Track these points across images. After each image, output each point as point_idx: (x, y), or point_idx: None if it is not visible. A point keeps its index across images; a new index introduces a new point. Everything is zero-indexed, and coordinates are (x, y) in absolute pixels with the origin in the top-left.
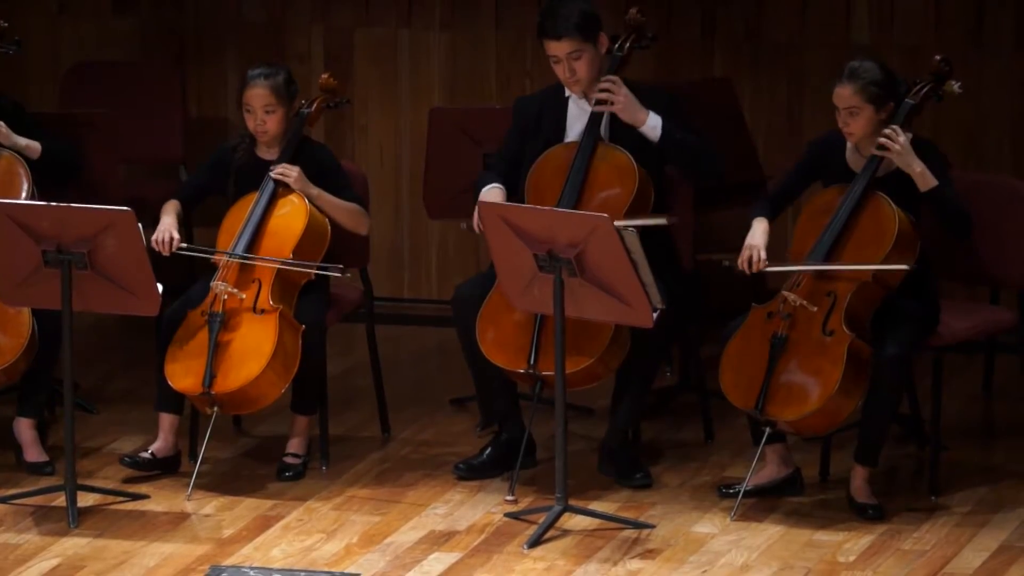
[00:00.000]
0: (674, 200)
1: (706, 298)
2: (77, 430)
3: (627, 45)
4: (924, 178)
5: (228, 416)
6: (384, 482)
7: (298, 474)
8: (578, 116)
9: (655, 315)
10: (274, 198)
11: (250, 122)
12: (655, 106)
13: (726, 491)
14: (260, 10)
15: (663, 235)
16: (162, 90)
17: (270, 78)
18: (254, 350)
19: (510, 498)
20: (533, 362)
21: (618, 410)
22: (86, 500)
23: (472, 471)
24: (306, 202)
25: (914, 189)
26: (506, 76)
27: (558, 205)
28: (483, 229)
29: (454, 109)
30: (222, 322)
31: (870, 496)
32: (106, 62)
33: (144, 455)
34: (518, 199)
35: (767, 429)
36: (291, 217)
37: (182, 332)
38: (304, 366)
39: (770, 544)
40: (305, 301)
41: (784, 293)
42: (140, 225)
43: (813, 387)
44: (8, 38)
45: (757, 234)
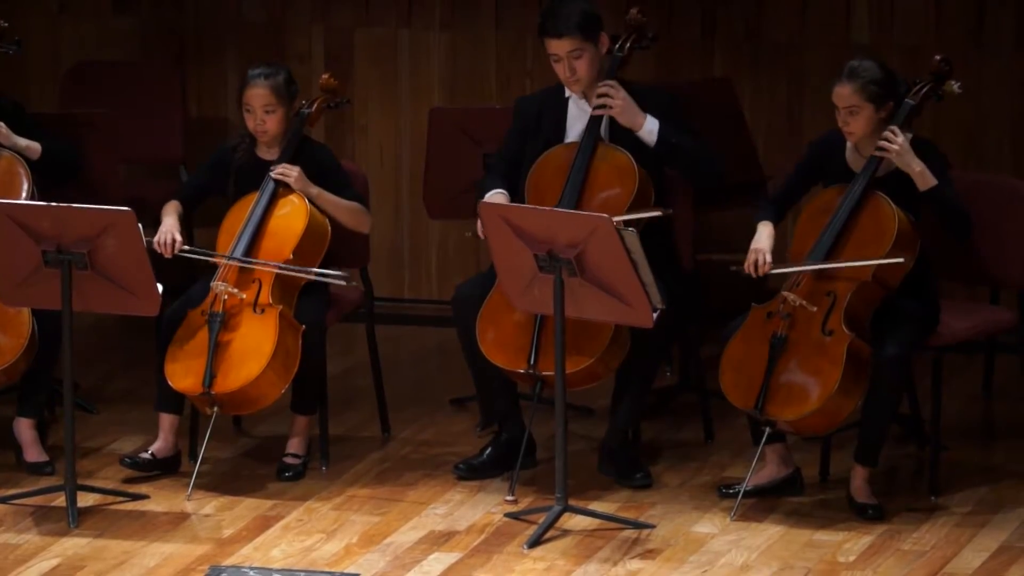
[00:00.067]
0: (674, 200)
1: (706, 298)
2: (77, 430)
3: (627, 45)
4: (923, 177)
5: (228, 416)
6: (384, 482)
7: (298, 474)
8: (578, 116)
9: (655, 315)
10: (274, 198)
11: (250, 122)
12: (655, 107)
13: (726, 491)
14: (260, 10)
15: (663, 235)
16: (162, 90)
17: (270, 78)
18: (254, 350)
19: (510, 498)
20: (533, 362)
21: (618, 410)
22: (86, 500)
23: (472, 471)
24: (306, 202)
25: (914, 189)
26: (506, 76)
27: (558, 205)
28: (483, 229)
29: (454, 109)
30: (222, 322)
31: (870, 496)
32: (106, 62)
33: (144, 455)
34: (518, 199)
35: (767, 429)
36: (291, 217)
37: (182, 332)
38: (304, 366)
39: (770, 544)
40: (305, 301)
41: (784, 293)
42: (140, 225)
43: (813, 387)
44: (8, 38)
45: (763, 237)
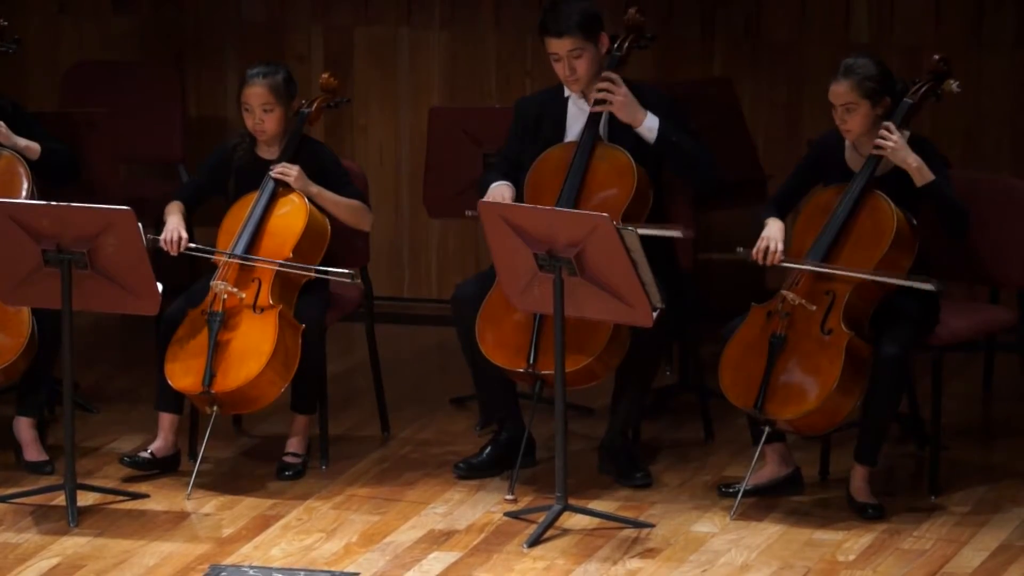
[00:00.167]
0: (673, 200)
1: (706, 298)
2: (77, 430)
3: (626, 45)
4: (921, 173)
5: (228, 415)
6: (384, 481)
7: (298, 473)
8: (577, 116)
9: (655, 314)
10: (274, 198)
11: (249, 121)
12: (654, 107)
13: (726, 490)
14: (260, 10)
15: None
16: (162, 90)
17: (268, 77)
18: (254, 349)
19: (510, 497)
20: (533, 361)
21: (618, 409)
22: (86, 499)
23: (472, 470)
24: (306, 202)
25: (913, 188)
26: (506, 76)
27: (557, 205)
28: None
29: (454, 109)
30: (222, 321)
31: (870, 495)
32: (106, 62)
33: (144, 454)
34: (518, 199)
35: (766, 428)
36: (291, 217)
37: (182, 331)
38: (304, 365)
39: (770, 543)
40: (305, 300)
41: (783, 292)
42: (140, 224)
43: (812, 386)
44: (7, 37)
45: (774, 228)
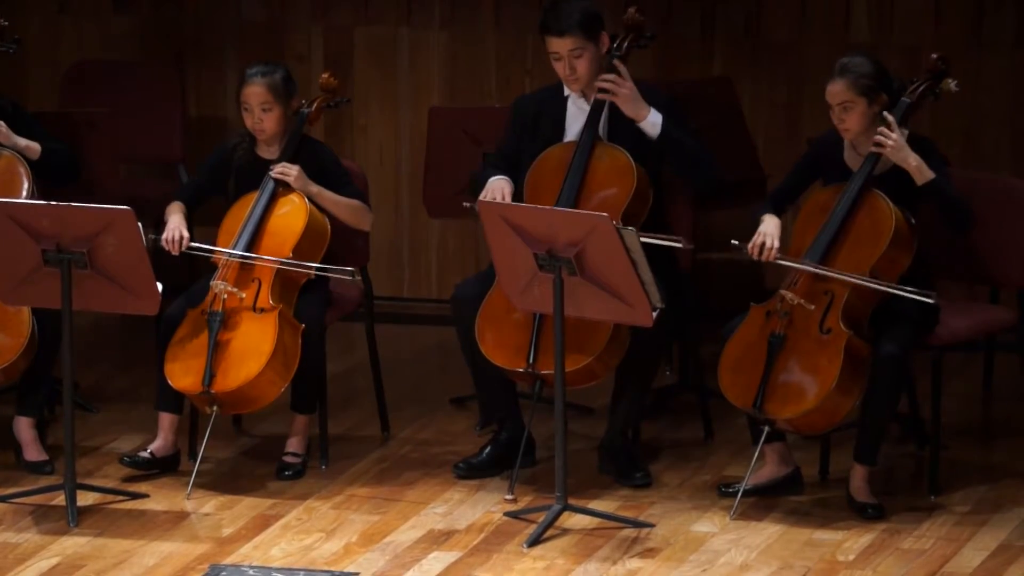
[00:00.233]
0: (673, 200)
1: (705, 297)
2: (77, 429)
3: (625, 44)
4: (920, 172)
5: (228, 415)
6: (384, 481)
7: (298, 473)
8: (577, 115)
9: (654, 314)
10: (274, 197)
11: (248, 120)
12: (654, 106)
13: (725, 490)
14: (260, 10)
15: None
16: (162, 90)
17: (267, 76)
18: (254, 349)
19: (510, 497)
20: (532, 361)
21: (617, 409)
22: (86, 499)
23: (472, 470)
24: (306, 201)
25: (912, 187)
26: (506, 76)
27: (557, 204)
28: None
29: (454, 109)
30: (222, 321)
31: (869, 495)
32: (106, 62)
33: (143, 454)
34: (517, 198)
35: (765, 428)
36: (291, 216)
37: (182, 331)
38: (304, 365)
39: (769, 543)
40: (305, 300)
41: (782, 292)
42: (140, 224)
43: (811, 385)
44: (7, 37)
45: (771, 225)
